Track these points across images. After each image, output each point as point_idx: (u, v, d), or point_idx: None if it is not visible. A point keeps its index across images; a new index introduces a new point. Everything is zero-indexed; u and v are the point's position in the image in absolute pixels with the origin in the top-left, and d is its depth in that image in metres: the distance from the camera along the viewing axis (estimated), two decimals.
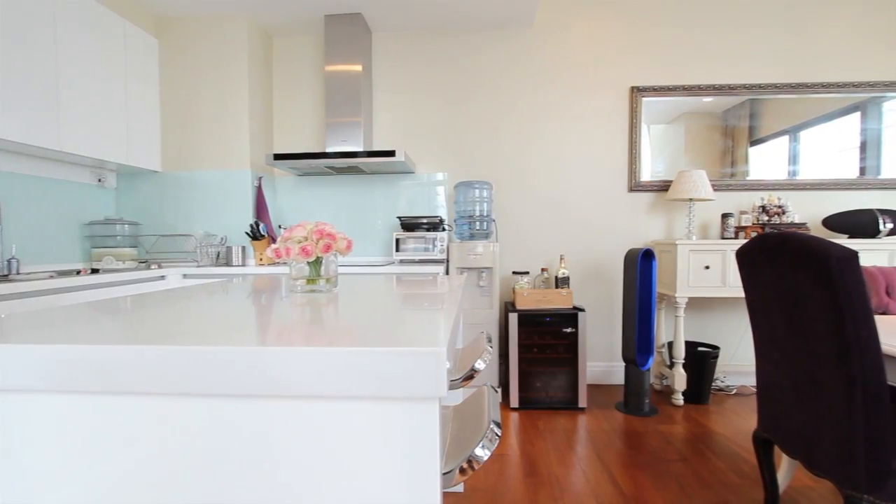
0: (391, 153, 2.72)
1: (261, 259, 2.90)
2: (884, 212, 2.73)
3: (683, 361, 2.77)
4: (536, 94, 3.15)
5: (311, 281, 1.08)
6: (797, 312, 1.20)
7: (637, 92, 3.06)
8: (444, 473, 0.68)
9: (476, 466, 0.71)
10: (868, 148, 3.07)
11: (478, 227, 2.92)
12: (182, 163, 3.03)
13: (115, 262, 2.62)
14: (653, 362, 2.71)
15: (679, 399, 2.78)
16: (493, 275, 2.82)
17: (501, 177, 3.18)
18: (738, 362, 3.09)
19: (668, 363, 2.88)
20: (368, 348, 0.52)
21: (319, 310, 0.88)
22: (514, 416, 2.64)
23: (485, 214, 2.94)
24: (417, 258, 2.88)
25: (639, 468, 2.04)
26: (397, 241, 2.88)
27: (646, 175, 3.12)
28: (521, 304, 2.73)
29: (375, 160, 2.76)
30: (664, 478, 1.95)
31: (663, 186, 3.08)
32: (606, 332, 3.18)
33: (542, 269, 2.93)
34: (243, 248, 2.92)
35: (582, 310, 2.69)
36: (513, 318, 2.69)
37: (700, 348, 2.88)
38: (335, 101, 2.99)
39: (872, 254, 2.65)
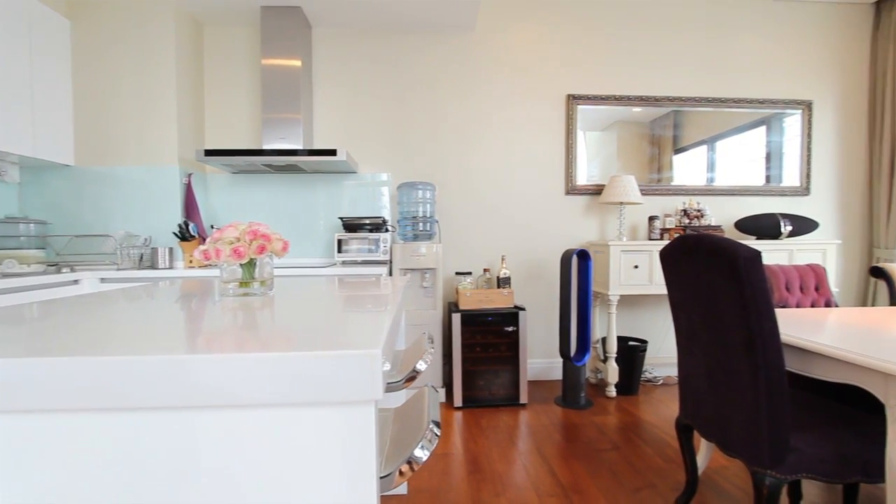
0: (332, 152, 2.65)
1: (190, 261, 2.72)
2: (785, 216, 3.04)
3: (616, 356, 2.93)
4: (478, 97, 3.20)
5: (244, 284, 1.03)
6: (712, 307, 1.31)
7: (573, 100, 3.21)
8: (383, 477, 0.67)
9: (416, 467, 0.71)
10: (772, 159, 3.41)
11: (421, 228, 2.92)
12: (100, 157, 2.78)
13: (17, 266, 2.35)
14: (589, 357, 2.85)
15: (612, 391, 2.94)
16: (437, 276, 2.84)
17: (444, 178, 3.21)
18: (665, 355, 3.32)
19: (603, 358, 3.04)
20: (301, 353, 0.51)
21: (252, 314, 0.84)
22: (458, 415, 2.67)
23: (428, 215, 2.95)
24: (360, 259, 2.83)
25: (575, 459, 2.13)
26: (339, 242, 2.82)
27: (582, 179, 3.27)
28: (465, 305, 2.77)
29: (316, 159, 2.68)
30: (598, 466, 2.06)
31: (597, 190, 3.24)
32: (546, 329, 3.30)
33: (485, 270, 2.99)
34: (170, 249, 2.73)
35: (522, 309, 2.77)
36: (456, 319, 2.72)
37: (630, 343, 3.06)
38: (272, 96, 2.87)
39: (775, 253, 2.95)
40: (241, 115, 3.12)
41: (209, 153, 2.64)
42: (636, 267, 2.85)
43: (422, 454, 0.69)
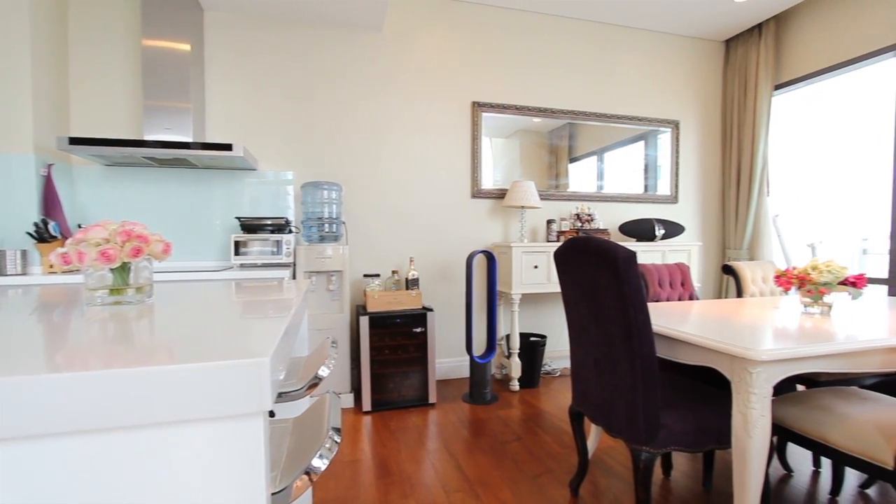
0: (228, 147, 2.46)
1: (50, 266, 2.34)
2: (659, 221, 3.45)
3: (518, 351, 3.10)
4: (386, 99, 3.19)
5: (115, 291, 0.92)
6: (597, 302, 1.44)
7: (478, 107, 3.33)
8: (278, 492, 0.64)
9: (314, 478, 0.68)
10: (649, 170, 3.86)
11: (327, 230, 2.83)
12: None
13: None
14: (495, 354, 2.98)
15: (515, 385, 3.10)
16: (344, 278, 2.77)
17: (352, 178, 3.14)
18: (562, 348, 3.58)
19: (507, 354, 3.19)
20: (180, 366, 0.47)
21: (125, 324, 0.75)
22: (367, 419, 2.63)
23: (334, 216, 2.87)
24: (261, 262, 2.67)
25: (481, 452, 2.21)
26: (236, 243, 2.63)
27: (488, 183, 3.41)
28: (372, 307, 2.73)
29: (209, 153, 2.47)
30: (502, 457, 2.16)
31: (501, 194, 3.40)
32: (455, 329, 3.38)
33: (393, 272, 2.98)
34: (24, 252, 2.33)
35: (431, 310, 2.81)
36: (364, 321, 2.68)
37: (532, 338, 3.26)
38: (156, 81, 2.59)
39: (651, 254, 3.34)
40: (117, 102, 2.76)
41: (74, 141, 2.30)
42: (536, 267, 3.05)
43: (320, 464, 0.67)
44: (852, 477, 1.95)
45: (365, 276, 2.94)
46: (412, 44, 3.23)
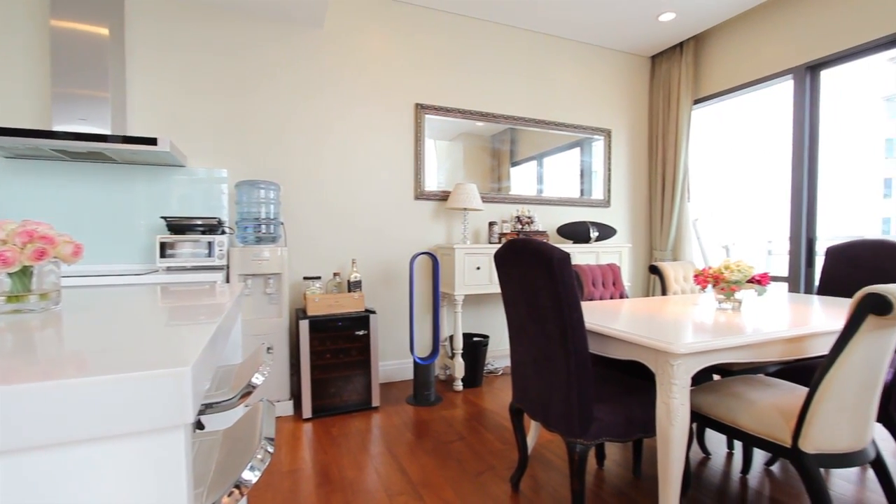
0: (152, 141, 2.29)
1: None
2: (593, 223, 3.64)
3: (462, 352, 3.14)
4: (328, 97, 3.12)
5: (14, 298, 0.82)
6: (535, 302, 1.50)
7: (421, 109, 3.34)
8: None
9: (245, 491, 0.65)
10: (584, 175, 4.05)
11: (264, 231, 2.71)
12: None
13: None
14: (438, 355, 2.99)
15: (459, 385, 3.13)
16: (282, 281, 2.67)
17: (291, 178, 3.03)
18: (504, 347, 3.67)
19: (450, 354, 3.22)
20: (91, 378, 0.43)
21: (27, 335, 0.68)
22: (308, 426, 2.55)
23: (272, 217, 2.76)
24: (190, 265, 2.50)
25: (425, 454, 2.21)
26: (162, 245, 2.45)
27: (432, 185, 3.42)
28: (313, 311, 2.65)
29: (130, 148, 2.28)
30: (446, 458, 2.17)
31: (445, 196, 3.43)
32: (399, 331, 3.36)
33: (335, 274, 2.92)
34: None
35: (373, 312, 2.77)
36: (304, 326, 2.60)
37: (475, 338, 3.31)
38: (67, 67, 2.35)
39: (586, 255, 3.51)
40: (17, 88, 2.49)
41: None
42: (478, 268, 3.10)
43: (251, 476, 0.64)
44: (760, 456, 2.16)
45: (305, 278, 2.85)
46: (354, 42, 3.18)
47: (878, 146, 10.95)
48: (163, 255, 2.45)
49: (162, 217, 2.59)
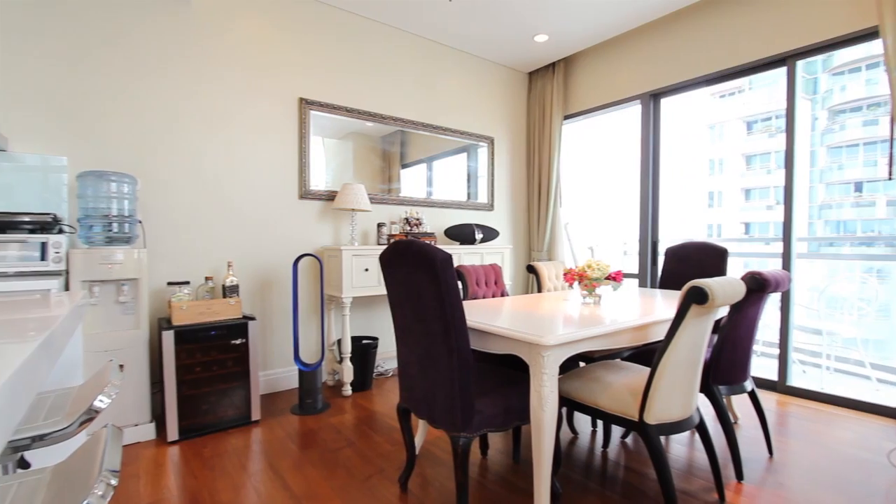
0: None
1: None
2: (478, 226, 3.83)
3: (350, 355, 3.07)
4: (199, 82, 2.82)
5: None
6: (419, 302, 1.53)
7: (306, 104, 3.20)
8: None
9: None
10: (471, 179, 4.25)
11: (117, 230, 2.36)
12: None
13: None
14: (325, 361, 2.89)
15: (348, 390, 3.06)
16: (140, 287, 2.34)
17: (152, 171, 2.68)
18: (394, 349, 3.67)
19: (339, 359, 3.13)
20: None
21: None
22: (174, 450, 2.27)
23: (126, 214, 2.40)
24: (14, 271, 2.07)
25: (311, 465, 2.12)
26: None
27: (319, 184, 3.29)
28: (180, 320, 2.38)
29: None
30: (334, 466, 2.10)
31: (332, 196, 3.33)
32: (283, 337, 3.17)
33: (207, 278, 2.65)
34: None
35: (252, 318, 2.58)
36: (168, 337, 2.32)
37: (364, 341, 3.26)
38: None
39: (471, 256, 3.67)
40: None
41: None
42: (367, 270, 3.06)
43: None
44: (617, 431, 2.47)
45: (170, 284, 2.55)
46: (229, 26, 2.92)
47: (704, 165, 13.40)
48: None
49: None
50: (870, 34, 2.63)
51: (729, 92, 12.05)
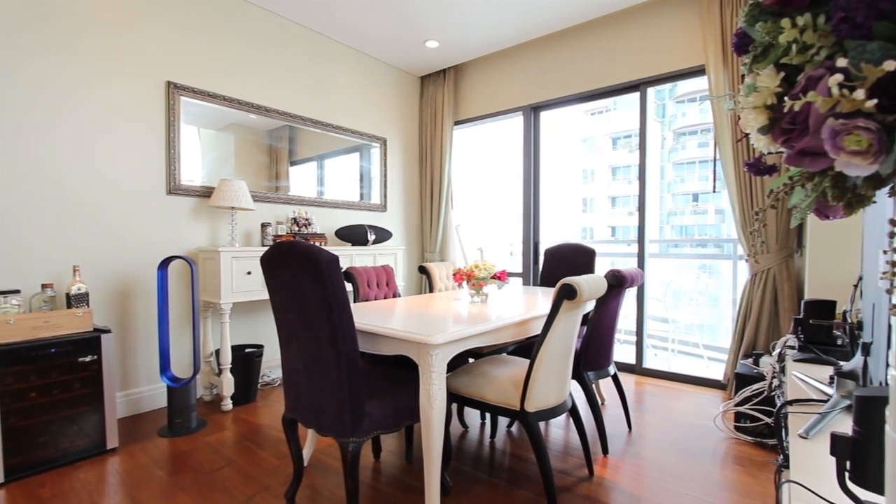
0: None
1: None
2: (371, 227, 3.78)
3: (231, 366, 2.82)
4: (38, 51, 2.36)
5: None
6: (305, 307, 1.46)
7: (175, 89, 2.87)
8: None
9: None
10: (364, 180, 4.18)
11: None
12: None
13: None
14: (199, 374, 2.61)
15: (228, 404, 2.81)
16: None
17: None
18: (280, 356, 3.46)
19: (217, 371, 2.86)
20: None
21: None
22: (0, 495, 1.88)
23: None
24: None
25: (181, 491, 1.90)
26: None
27: (194, 179, 2.97)
28: (5, 337, 1.97)
29: None
30: (210, 489, 1.92)
31: (209, 192, 3.03)
32: (147, 351, 2.79)
33: (45, 286, 2.23)
34: None
35: (107, 331, 2.24)
36: None
37: (247, 349, 3.02)
38: None
39: (363, 257, 3.62)
40: None
41: None
42: (249, 273, 2.85)
43: None
44: (504, 422, 2.62)
45: None
46: None
47: (579, 174, 15.00)
48: None
49: None
50: (700, 71, 3.16)
51: (598, 110, 13.58)
